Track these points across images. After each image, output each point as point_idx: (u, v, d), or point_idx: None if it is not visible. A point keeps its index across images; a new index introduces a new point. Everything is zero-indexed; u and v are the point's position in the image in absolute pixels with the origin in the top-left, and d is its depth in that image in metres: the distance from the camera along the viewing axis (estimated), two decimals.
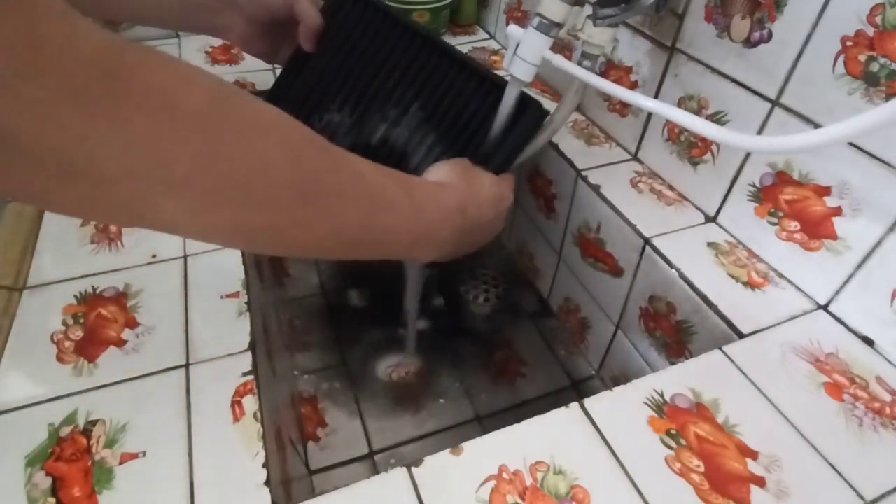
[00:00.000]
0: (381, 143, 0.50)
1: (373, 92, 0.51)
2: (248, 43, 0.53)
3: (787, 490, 0.30)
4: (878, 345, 0.38)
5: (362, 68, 0.51)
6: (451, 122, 0.48)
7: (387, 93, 0.50)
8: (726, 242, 0.46)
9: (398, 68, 0.50)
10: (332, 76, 0.52)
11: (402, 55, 0.50)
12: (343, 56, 0.52)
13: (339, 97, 0.52)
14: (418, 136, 0.49)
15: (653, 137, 0.53)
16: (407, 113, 0.50)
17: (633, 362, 0.52)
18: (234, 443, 0.31)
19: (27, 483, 0.29)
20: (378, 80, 0.51)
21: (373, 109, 0.50)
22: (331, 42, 0.52)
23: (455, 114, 0.48)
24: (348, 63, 0.52)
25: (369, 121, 0.50)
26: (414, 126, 0.49)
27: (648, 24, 0.51)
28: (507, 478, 0.30)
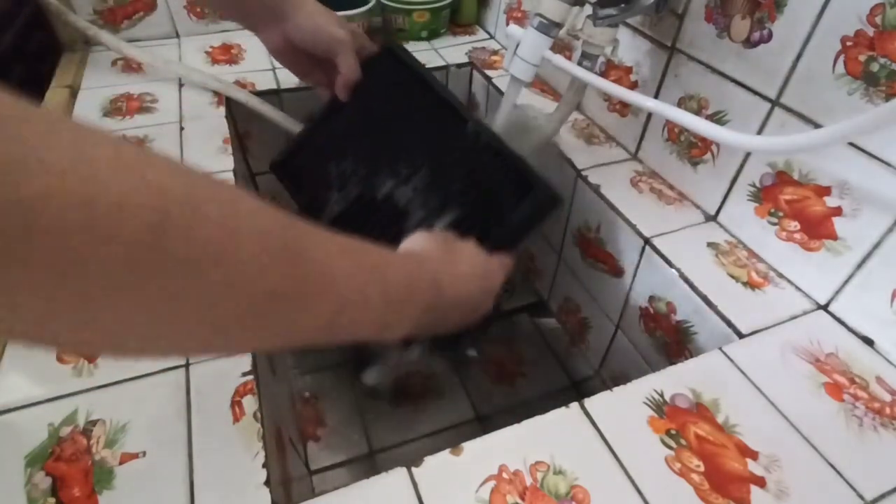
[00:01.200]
0: (386, 197, 0.49)
1: (390, 147, 0.51)
2: (281, 57, 0.54)
3: (787, 490, 0.30)
4: (878, 345, 0.38)
5: (386, 123, 0.52)
6: (460, 190, 0.47)
7: (403, 150, 0.50)
8: (726, 242, 0.46)
9: (419, 129, 0.50)
10: (357, 126, 0.53)
11: (425, 118, 0.50)
12: (371, 109, 0.53)
13: (359, 147, 0.52)
14: (422, 198, 0.48)
15: (653, 137, 0.53)
16: (417, 173, 0.49)
17: (633, 362, 0.52)
18: (234, 443, 0.31)
19: (27, 483, 0.29)
20: (397, 137, 0.51)
21: (386, 164, 0.50)
22: (363, 94, 0.53)
23: (465, 183, 0.47)
24: (374, 116, 0.53)
25: (380, 174, 0.50)
26: (421, 187, 0.48)
27: (648, 24, 0.51)
28: (507, 478, 0.30)
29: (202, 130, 0.56)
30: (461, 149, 0.48)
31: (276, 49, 0.53)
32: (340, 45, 0.51)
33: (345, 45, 0.51)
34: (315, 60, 0.53)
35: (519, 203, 0.44)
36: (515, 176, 0.45)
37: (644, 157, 0.55)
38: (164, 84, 0.63)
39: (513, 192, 0.45)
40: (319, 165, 0.54)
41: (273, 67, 0.68)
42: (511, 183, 0.45)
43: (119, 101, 0.60)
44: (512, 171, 0.45)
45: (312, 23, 0.50)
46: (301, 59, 0.53)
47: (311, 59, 0.53)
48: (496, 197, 0.46)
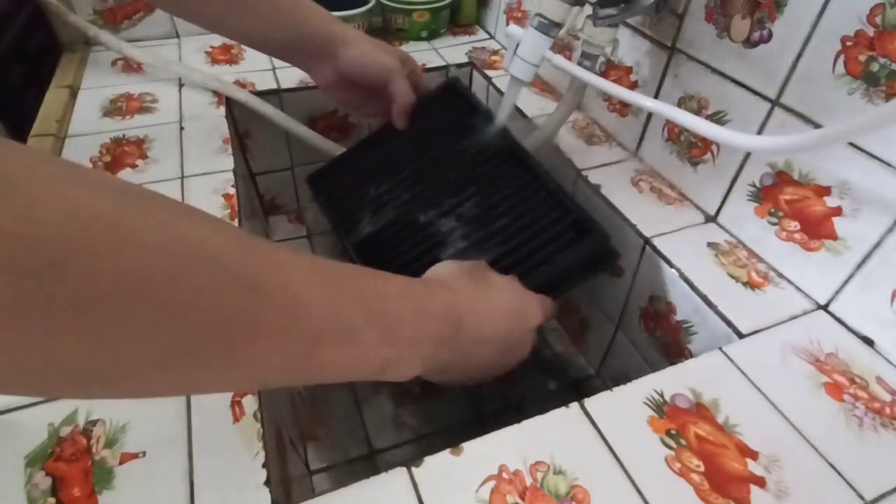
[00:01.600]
0: (425, 225, 0.48)
1: (437, 177, 0.50)
2: (333, 91, 0.53)
3: (787, 490, 0.30)
4: (878, 345, 0.38)
5: (436, 153, 0.51)
6: (508, 226, 0.45)
7: (450, 181, 0.49)
8: (726, 242, 0.46)
9: (470, 163, 0.49)
10: (404, 153, 0.53)
11: (479, 153, 0.49)
12: (423, 138, 0.52)
13: (403, 173, 0.51)
14: (465, 229, 0.46)
15: (653, 137, 0.53)
16: (462, 205, 0.47)
17: (633, 362, 0.52)
18: (234, 443, 0.31)
19: (27, 483, 0.29)
20: (446, 168, 0.50)
21: (430, 192, 0.49)
22: (417, 124, 0.53)
23: (514, 219, 0.45)
24: (425, 145, 0.52)
25: (422, 201, 0.49)
26: (465, 218, 0.47)
27: (648, 24, 0.51)
28: (507, 478, 0.30)
29: (202, 130, 0.56)
30: (514, 186, 0.46)
31: (327, 84, 0.53)
32: (391, 73, 0.51)
33: (395, 72, 0.51)
34: (367, 92, 0.53)
35: (572, 245, 0.42)
36: (573, 220, 0.43)
37: (644, 156, 0.55)
38: (164, 84, 0.63)
39: (567, 234, 0.43)
40: (357, 185, 0.53)
41: (273, 67, 0.68)
42: (566, 226, 0.43)
43: (119, 101, 0.60)
44: (569, 214, 0.43)
45: (361, 55, 0.50)
46: (353, 91, 0.53)
47: (362, 90, 0.53)
48: (547, 236, 0.43)
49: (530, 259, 0.43)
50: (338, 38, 0.50)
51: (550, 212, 0.44)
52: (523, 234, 0.44)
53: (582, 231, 0.42)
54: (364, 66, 0.50)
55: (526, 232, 0.44)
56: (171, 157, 0.52)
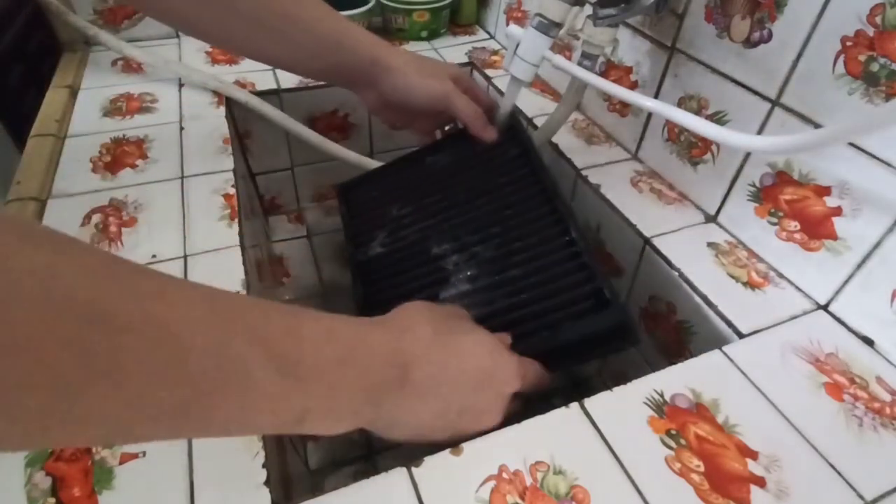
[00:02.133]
0: (436, 258, 0.45)
1: (463, 212, 0.46)
2: (381, 114, 0.51)
3: (787, 490, 0.30)
4: (878, 345, 0.38)
5: (470, 188, 0.47)
6: (521, 277, 0.41)
7: (476, 219, 0.45)
8: (726, 242, 0.46)
9: (501, 206, 0.45)
10: (438, 176, 0.51)
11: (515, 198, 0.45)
12: (462, 169, 0.50)
13: (430, 200, 0.49)
14: (474, 272, 0.43)
15: (653, 137, 0.53)
16: (479, 245, 0.44)
17: (633, 362, 0.52)
18: (234, 443, 0.31)
19: (27, 483, 0.29)
20: (476, 204, 0.46)
21: (451, 225, 0.46)
22: (462, 153, 0.51)
23: (529, 273, 0.41)
24: (461, 177, 0.49)
25: (440, 232, 0.46)
26: (478, 261, 0.43)
27: (648, 24, 0.51)
28: (507, 478, 0.30)
29: (202, 130, 0.56)
30: (540, 236, 0.42)
31: (374, 108, 0.51)
32: (443, 99, 0.47)
33: (451, 95, 0.47)
34: (417, 113, 0.50)
35: (586, 316, 0.38)
36: (594, 289, 0.38)
37: (644, 156, 0.55)
38: (164, 84, 0.63)
39: (583, 303, 0.38)
40: (382, 203, 0.52)
41: (273, 67, 0.68)
42: (584, 294, 0.38)
43: (119, 101, 0.60)
44: (591, 281, 0.38)
45: (406, 85, 0.47)
46: (403, 115, 0.51)
47: (412, 112, 0.50)
48: (560, 300, 0.39)
49: (535, 321, 0.38)
50: (380, 65, 0.47)
51: (572, 274, 0.40)
52: (534, 291, 0.40)
53: (601, 304, 0.38)
54: (411, 93, 0.47)
55: (537, 289, 0.40)
56: (171, 157, 0.52)
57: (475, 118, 0.48)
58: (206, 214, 0.46)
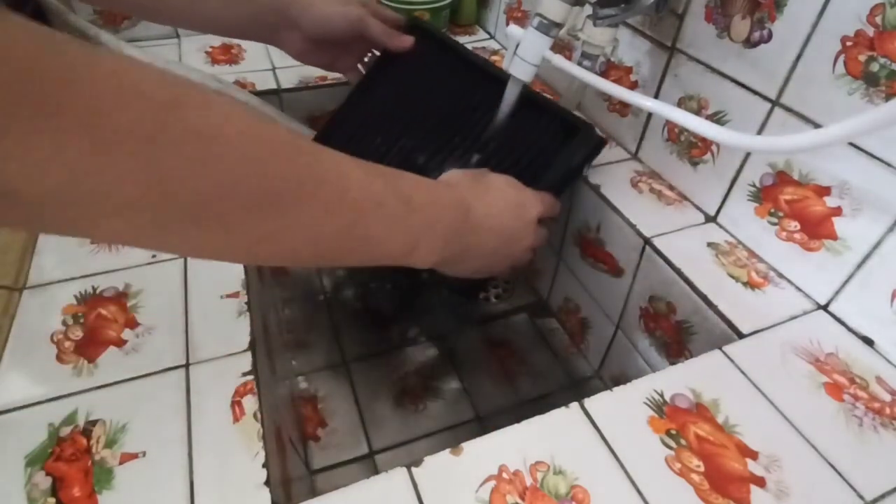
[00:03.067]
0: (425, 165, 0.50)
1: (426, 117, 0.51)
2: (305, 57, 0.53)
3: (787, 490, 0.30)
4: (878, 345, 0.38)
5: (419, 94, 0.52)
6: (501, 145, 0.48)
7: (439, 118, 0.51)
8: (726, 242, 0.46)
9: (452, 96, 0.51)
10: (390, 101, 0.54)
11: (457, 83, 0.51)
12: (402, 83, 0.53)
13: (395, 121, 0.52)
14: (463, 160, 0.49)
15: (653, 137, 0.53)
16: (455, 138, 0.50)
17: (633, 362, 0.52)
18: (234, 443, 0.31)
19: (27, 483, 0.29)
20: (432, 105, 0.51)
21: (423, 133, 0.51)
22: (392, 70, 0.54)
23: (505, 138, 0.48)
24: (406, 89, 0.53)
25: (418, 143, 0.51)
26: (461, 150, 0.49)
27: (648, 24, 0.51)
28: (507, 478, 0.30)
29: None
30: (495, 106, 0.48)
31: (299, 52, 0.53)
32: (359, 22, 0.50)
33: (363, 18, 0.50)
34: (338, 48, 0.53)
35: (564, 146, 0.46)
36: (558, 123, 0.47)
37: (644, 157, 0.55)
38: None
39: (556, 138, 0.46)
40: (357, 141, 0.54)
41: (273, 67, 0.68)
42: (554, 130, 0.47)
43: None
44: (553, 118, 0.47)
45: (322, 14, 0.50)
46: (325, 52, 0.53)
47: (333, 48, 0.53)
48: (540, 145, 0.47)
49: (530, 168, 0.46)
50: (294, 3, 0.49)
51: (537, 121, 0.47)
52: (518, 150, 0.47)
53: (568, 130, 0.46)
54: (329, 23, 0.50)
55: (520, 146, 0.47)
56: None
57: (389, 34, 0.52)
58: None
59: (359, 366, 0.61)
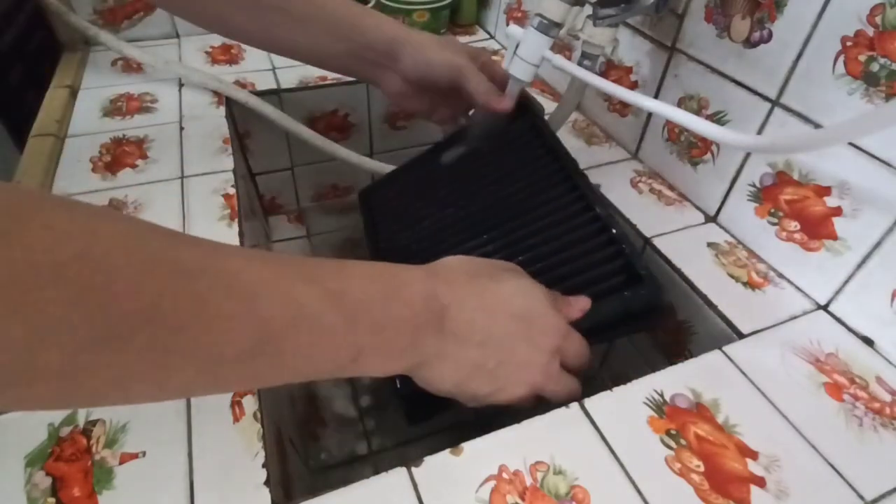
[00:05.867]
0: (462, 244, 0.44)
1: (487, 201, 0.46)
2: (402, 99, 0.51)
3: (787, 490, 0.30)
4: (878, 345, 0.38)
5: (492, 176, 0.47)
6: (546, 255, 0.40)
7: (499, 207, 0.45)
8: (726, 242, 0.46)
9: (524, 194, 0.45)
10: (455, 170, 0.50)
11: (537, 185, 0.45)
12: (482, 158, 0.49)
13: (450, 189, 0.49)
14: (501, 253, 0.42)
15: (653, 137, 0.53)
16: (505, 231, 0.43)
17: (633, 362, 0.52)
18: (234, 443, 0.31)
19: (27, 483, 0.29)
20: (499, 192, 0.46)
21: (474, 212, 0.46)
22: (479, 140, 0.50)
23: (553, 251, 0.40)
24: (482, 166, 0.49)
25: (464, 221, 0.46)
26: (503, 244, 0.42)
27: (648, 24, 0.51)
28: (507, 478, 0.30)
29: (202, 130, 0.56)
30: (564, 216, 0.42)
31: (397, 93, 0.50)
32: (462, 71, 0.47)
33: (466, 69, 0.47)
34: (439, 95, 0.50)
35: (619, 291, 0.37)
36: (625, 264, 0.38)
37: (644, 157, 0.55)
38: (164, 84, 0.63)
39: (616, 278, 0.38)
40: (402, 202, 0.52)
41: (273, 67, 0.68)
42: (616, 269, 0.38)
43: (119, 101, 0.60)
44: (621, 255, 0.38)
45: (427, 57, 0.47)
46: (424, 96, 0.50)
47: (434, 94, 0.50)
48: (592, 275, 0.38)
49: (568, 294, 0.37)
50: (399, 41, 0.47)
51: (600, 249, 0.39)
52: (564, 268, 0.39)
53: (633, 279, 0.37)
54: (431, 67, 0.47)
55: (567, 266, 0.39)
56: (171, 157, 0.52)
57: (488, 91, 0.47)
58: (205, 214, 0.46)
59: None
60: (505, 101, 0.46)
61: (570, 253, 0.40)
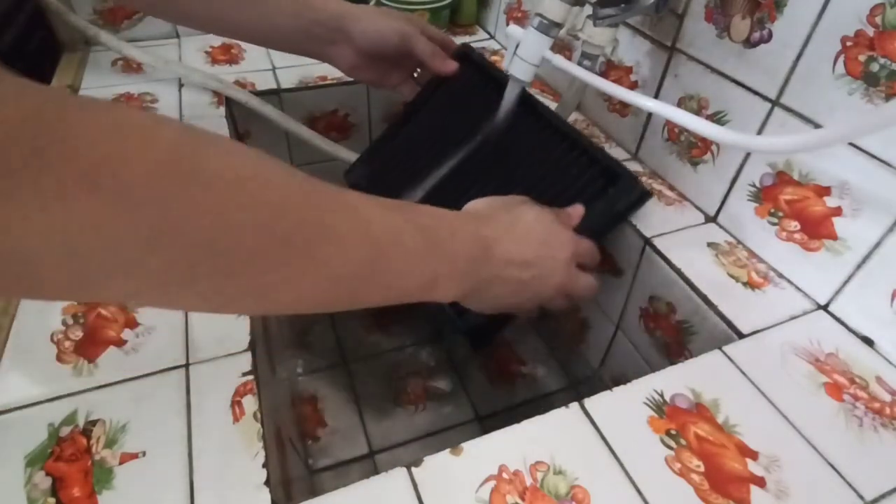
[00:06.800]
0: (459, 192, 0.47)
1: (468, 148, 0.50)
2: (355, 71, 0.53)
3: (787, 490, 0.30)
4: (878, 345, 0.38)
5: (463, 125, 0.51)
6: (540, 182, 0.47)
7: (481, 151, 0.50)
8: (726, 242, 0.46)
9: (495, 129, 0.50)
10: (433, 130, 0.53)
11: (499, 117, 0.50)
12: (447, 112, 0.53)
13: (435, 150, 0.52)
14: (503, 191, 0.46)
15: (653, 137, 0.53)
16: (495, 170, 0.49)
17: (633, 362, 0.52)
18: (234, 443, 0.31)
19: (27, 483, 0.29)
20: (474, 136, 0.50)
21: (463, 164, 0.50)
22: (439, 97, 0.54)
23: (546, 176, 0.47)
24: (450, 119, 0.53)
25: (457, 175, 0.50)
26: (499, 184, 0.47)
27: (648, 24, 0.51)
28: (507, 478, 0.30)
29: None
30: (537, 142, 0.48)
31: (350, 66, 0.53)
32: (410, 37, 0.51)
33: (413, 34, 0.51)
34: (389, 63, 0.53)
35: (606, 193, 0.44)
36: (601, 168, 0.45)
37: (644, 157, 0.55)
38: (164, 84, 0.63)
39: (597, 182, 0.45)
40: (396, 165, 0.54)
41: (273, 67, 0.68)
42: (595, 175, 0.45)
43: (119, 101, 0.60)
44: (596, 163, 0.45)
45: (375, 27, 0.50)
46: (375, 67, 0.53)
47: (384, 63, 0.53)
48: (579, 187, 0.46)
49: None
50: (348, 16, 0.50)
51: (577, 162, 0.46)
52: (556, 188, 0.46)
53: (610, 178, 0.44)
54: (382, 36, 0.50)
55: (557, 185, 0.46)
56: None
57: (434, 52, 0.52)
58: None
59: (359, 366, 0.61)
60: (449, 64, 0.52)
61: (557, 175, 0.47)
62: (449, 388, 0.59)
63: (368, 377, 0.60)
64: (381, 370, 0.61)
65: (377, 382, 0.59)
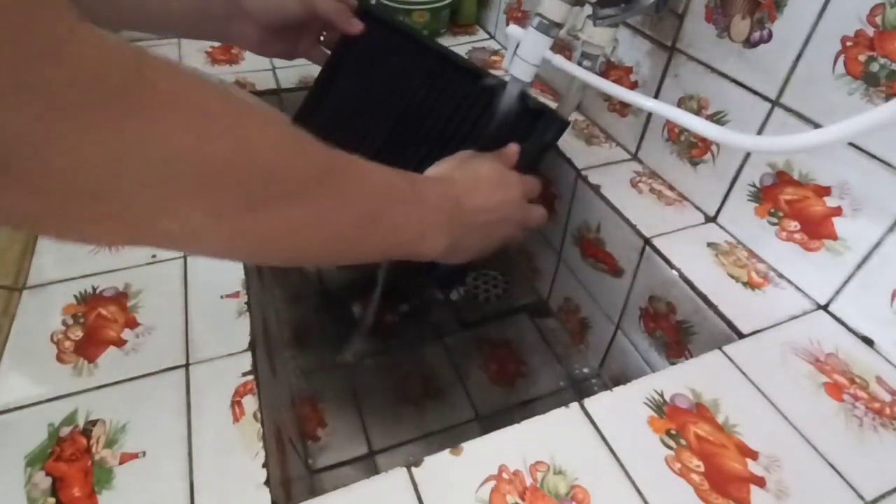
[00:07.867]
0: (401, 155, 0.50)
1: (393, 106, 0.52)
2: (262, 47, 0.53)
3: (787, 490, 0.30)
4: (878, 345, 0.38)
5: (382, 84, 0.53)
6: (471, 131, 0.50)
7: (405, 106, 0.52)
8: (726, 242, 0.46)
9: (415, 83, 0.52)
10: (355, 95, 0.54)
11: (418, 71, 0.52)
12: (361, 73, 0.54)
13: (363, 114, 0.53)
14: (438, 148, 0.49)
15: (653, 137, 0.53)
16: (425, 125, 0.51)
17: (633, 362, 0.52)
18: (234, 443, 0.31)
19: (27, 483, 0.29)
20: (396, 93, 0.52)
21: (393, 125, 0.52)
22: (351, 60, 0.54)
23: (472, 126, 0.50)
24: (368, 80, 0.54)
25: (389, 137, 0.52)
26: (433, 137, 0.51)
27: (648, 24, 0.51)
28: (507, 478, 0.30)
29: None
30: (461, 93, 0.50)
31: (257, 44, 0.52)
32: (310, 2, 0.50)
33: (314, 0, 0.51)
34: (294, 31, 0.53)
35: (531, 129, 0.48)
36: (521, 108, 0.49)
37: (644, 157, 0.55)
38: None
39: (524, 122, 0.49)
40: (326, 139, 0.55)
41: (273, 67, 0.68)
42: (520, 115, 0.49)
43: None
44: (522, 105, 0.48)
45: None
46: (282, 39, 0.53)
47: (289, 33, 0.53)
48: (509, 128, 0.49)
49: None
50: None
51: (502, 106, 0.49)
52: (489, 136, 0.49)
53: (534, 116, 0.49)
54: (281, 5, 0.50)
55: (488, 130, 0.49)
56: None
57: (339, 12, 0.52)
58: None
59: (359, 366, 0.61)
60: (355, 24, 0.52)
61: (488, 124, 0.50)
62: (449, 387, 0.59)
63: (368, 377, 0.60)
64: (381, 370, 0.61)
65: (377, 382, 0.59)
